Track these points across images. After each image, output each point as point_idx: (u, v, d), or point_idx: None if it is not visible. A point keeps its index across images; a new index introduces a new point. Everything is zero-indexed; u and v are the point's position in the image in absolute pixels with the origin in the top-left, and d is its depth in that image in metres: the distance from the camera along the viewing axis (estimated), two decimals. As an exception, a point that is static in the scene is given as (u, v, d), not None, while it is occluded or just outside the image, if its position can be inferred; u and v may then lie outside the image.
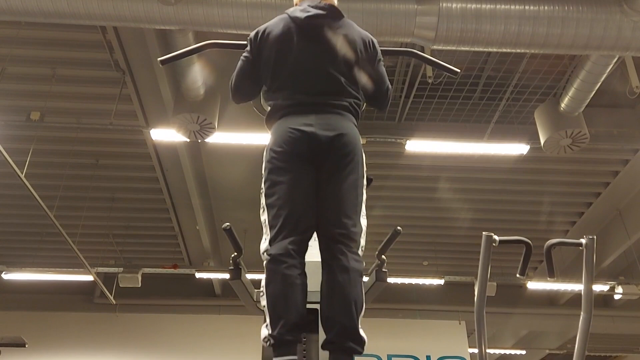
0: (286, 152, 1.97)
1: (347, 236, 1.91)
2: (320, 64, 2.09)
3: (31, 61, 6.40)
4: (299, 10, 2.14)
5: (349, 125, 2.05)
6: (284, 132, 2.01)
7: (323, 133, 1.97)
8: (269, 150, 2.04)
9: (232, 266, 2.43)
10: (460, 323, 10.90)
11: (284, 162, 1.97)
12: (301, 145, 1.97)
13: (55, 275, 9.42)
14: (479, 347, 2.18)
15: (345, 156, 1.99)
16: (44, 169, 7.70)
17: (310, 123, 1.99)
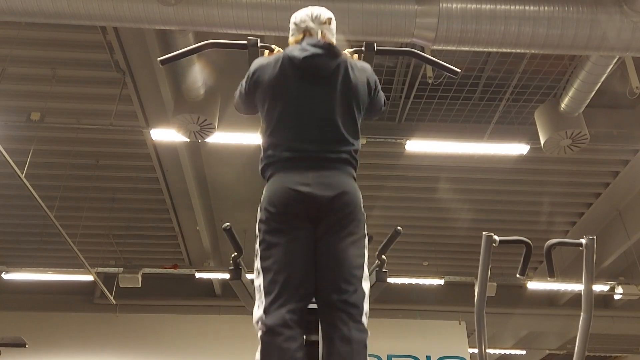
0: (282, 213, 1.84)
1: (349, 303, 1.76)
2: (317, 110, 1.96)
3: (31, 61, 6.40)
4: (297, 49, 2.00)
5: (348, 182, 1.92)
6: (279, 191, 1.87)
7: (321, 193, 1.84)
8: (263, 210, 1.90)
9: (232, 266, 2.43)
10: (460, 323, 10.90)
11: (280, 223, 1.84)
12: (298, 207, 1.84)
13: (56, 275, 9.42)
14: (479, 347, 2.18)
15: (345, 217, 1.86)
16: (44, 169, 7.70)
17: (307, 182, 1.86)
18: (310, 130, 1.95)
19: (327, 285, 1.80)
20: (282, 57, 2.02)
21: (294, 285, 1.77)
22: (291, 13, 4.98)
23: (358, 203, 1.91)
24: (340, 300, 1.76)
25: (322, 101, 1.97)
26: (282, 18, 4.66)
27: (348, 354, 1.68)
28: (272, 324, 1.70)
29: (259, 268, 1.84)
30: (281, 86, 1.99)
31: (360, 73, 2.06)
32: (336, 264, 1.81)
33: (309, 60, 1.95)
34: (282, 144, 1.96)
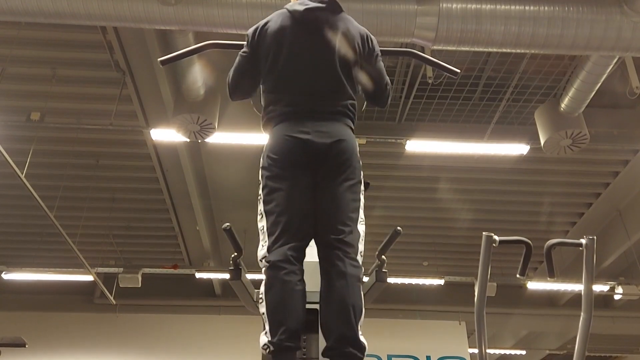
0: (283, 159, 1.97)
1: (344, 242, 1.90)
2: (317, 60, 2.06)
3: (31, 61, 6.40)
4: (297, 3, 2.11)
5: (345, 131, 2.04)
6: (280, 139, 2.00)
7: (320, 140, 1.96)
8: (265, 157, 2.02)
9: (232, 266, 2.43)
10: (461, 323, 10.90)
11: (282, 169, 1.96)
12: (298, 153, 1.96)
13: (56, 275, 9.42)
14: (479, 348, 2.18)
15: (342, 163, 1.98)
16: (44, 169, 7.70)
17: (306, 130, 1.98)
18: (309, 83, 2.05)
19: (325, 226, 1.92)
20: (282, 13, 2.11)
21: (294, 226, 1.89)
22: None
23: (354, 150, 2.02)
24: (336, 239, 1.89)
25: (322, 54, 2.06)
26: (282, 18, 4.65)
27: (343, 287, 1.82)
28: (275, 259, 1.85)
29: (262, 211, 1.96)
30: (282, 40, 2.07)
31: (361, 31, 2.18)
32: (333, 207, 1.94)
33: (311, 12, 2.06)
34: (283, 98, 2.06)
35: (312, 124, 2.00)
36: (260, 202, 1.99)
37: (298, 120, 2.01)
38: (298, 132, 1.97)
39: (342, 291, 1.82)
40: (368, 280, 2.42)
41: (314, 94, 2.05)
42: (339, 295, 1.82)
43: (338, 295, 1.82)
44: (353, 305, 1.81)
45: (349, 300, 1.81)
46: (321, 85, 2.06)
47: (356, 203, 1.99)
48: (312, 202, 1.95)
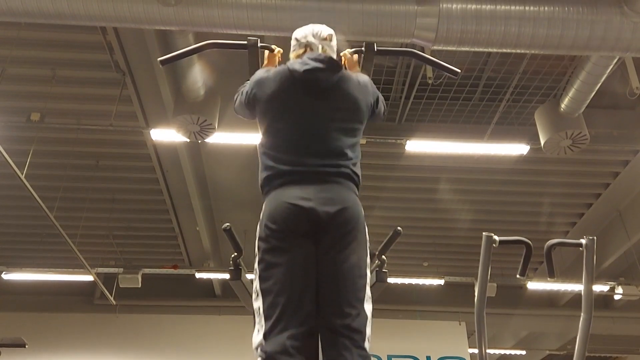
0: (283, 229, 1.79)
1: (351, 328, 1.71)
2: (317, 124, 1.95)
3: (31, 62, 6.40)
4: (298, 63, 2.00)
5: (350, 197, 1.88)
6: (280, 207, 1.82)
7: (323, 208, 1.79)
8: (263, 227, 1.84)
9: (232, 266, 2.43)
10: (461, 324, 10.89)
11: (281, 241, 1.78)
12: (299, 223, 1.79)
13: (56, 275, 9.42)
14: (479, 348, 2.18)
15: (346, 234, 1.81)
16: (44, 170, 7.70)
17: (309, 197, 1.81)
18: (310, 144, 1.93)
19: (329, 307, 1.75)
20: (283, 71, 2.02)
21: (294, 308, 1.71)
22: (291, 14, 5.01)
23: (360, 218, 1.87)
24: (342, 325, 1.71)
25: (322, 115, 1.96)
26: (282, 19, 4.66)
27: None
28: (272, 351, 1.65)
29: (258, 289, 1.78)
30: (282, 100, 1.99)
31: (361, 87, 2.07)
32: (338, 286, 1.76)
33: (310, 73, 1.95)
34: (282, 157, 1.93)
35: (314, 189, 1.84)
36: (256, 278, 1.80)
37: (298, 184, 1.86)
38: (299, 199, 1.81)
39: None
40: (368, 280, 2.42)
41: (315, 156, 1.91)
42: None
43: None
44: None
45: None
46: (323, 148, 1.93)
47: (363, 280, 1.82)
48: (314, 279, 1.77)
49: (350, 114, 2.00)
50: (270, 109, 2.00)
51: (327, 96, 1.98)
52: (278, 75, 2.02)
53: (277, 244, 1.79)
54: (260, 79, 2.07)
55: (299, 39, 2.19)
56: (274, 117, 1.99)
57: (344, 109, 1.99)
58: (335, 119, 1.97)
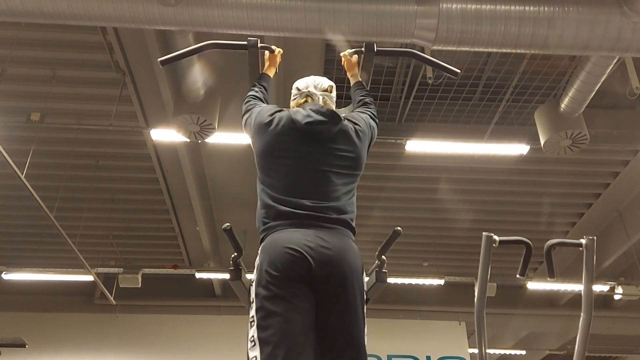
0: (283, 276, 1.74)
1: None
2: (317, 171, 1.98)
3: (31, 62, 6.40)
4: (300, 113, 2.05)
5: (350, 246, 1.89)
6: (280, 252, 1.78)
7: (325, 253, 1.78)
8: (263, 272, 1.78)
9: (232, 267, 2.43)
10: (461, 323, 10.90)
11: (281, 289, 1.73)
12: (300, 269, 1.75)
13: (56, 275, 9.42)
14: (479, 348, 2.18)
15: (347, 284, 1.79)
16: (44, 170, 7.70)
17: (310, 245, 1.79)
18: (309, 189, 1.95)
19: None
20: (286, 118, 2.07)
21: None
22: (291, 14, 5.00)
23: (359, 265, 1.87)
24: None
25: (322, 162, 2.00)
26: (282, 19, 4.65)
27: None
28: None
29: (256, 339, 1.71)
30: (283, 144, 2.03)
31: (360, 134, 2.13)
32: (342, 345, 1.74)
33: (312, 125, 2.01)
34: (281, 198, 1.93)
35: (315, 234, 1.82)
36: (254, 326, 1.73)
37: (298, 229, 1.84)
38: (300, 245, 1.78)
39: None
40: (368, 280, 2.42)
41: (314, 200, 1.92)
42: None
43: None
44: None
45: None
46: (322, 193, 1.95)
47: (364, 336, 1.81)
48: (314, 330, 1.75)
49: (350, 162, 2.06)
50: (271, 151, 2.04)
51: (327, 146, 2.03)
52: (281, 122, 2.07)
53: (277, 292, 1.73)
54: (262, 121, 2.12)
55: (301, 88, 2.27)
56: (274, 161, 2.02)
57: (344, 158, 2.04)
58: (334, 167, 2.01)
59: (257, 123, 2.13)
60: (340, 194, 1.98)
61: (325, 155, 2.01)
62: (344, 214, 1.94)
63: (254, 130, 2.14)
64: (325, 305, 1.77)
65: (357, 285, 1.82)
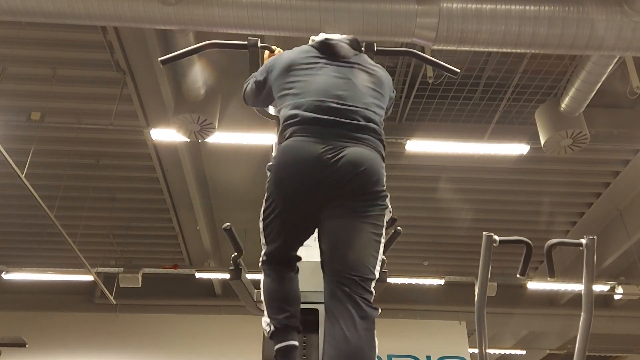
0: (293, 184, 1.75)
1: (357, 282, 1.74)
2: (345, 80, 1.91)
3: (31, 61, 6.40)
4: (318, 38, 2.09)
5: (377, 159, 1.81)
6: (296, 152, 1.75)
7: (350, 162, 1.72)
8: (276, 169, 1.79)
9: (232, 266, 2.43)
10: (461, 323, 10.89)
11: (289, 190, 1.77)
12: (316, 172, 1.72)
13: (56, 275, 9.42)
14: (479, 347, 2.18)
15: (370, 190, 1.75)
16: (45, 169, 7.70)
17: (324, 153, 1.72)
18: (337, 91, 1.86)
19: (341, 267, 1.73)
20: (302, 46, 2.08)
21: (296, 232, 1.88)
22: (292, 13, 5.00)
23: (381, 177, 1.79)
24: (348, 278, 1.73)
25: (348, 73, 1.95)
26: (283, 18, 4.65)
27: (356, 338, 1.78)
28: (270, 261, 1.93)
29: (261, 228, 1.91)
30: (303, 59, 2.00)
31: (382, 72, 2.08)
32: (352, 246, 1.73)
33: (330, 43, 2.02)
34: (304, 102, 1.83)
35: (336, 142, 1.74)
36: (261, 218, 1.90)
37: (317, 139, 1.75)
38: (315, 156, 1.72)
39: (355, 342, 1.73)
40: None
41: (343, 105, 1.82)
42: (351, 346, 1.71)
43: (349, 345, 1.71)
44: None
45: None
46: (350, 99, 1.85)
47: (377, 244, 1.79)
48: (314, 227, 1.84)
49: (376, 79, 1.99)
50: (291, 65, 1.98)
51: (350, 62, 2.00)
52: (295, 50, 2.08)
53: (290, 189, 1.77)
54: (274, 58, 2.11)
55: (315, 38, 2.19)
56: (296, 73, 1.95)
57: (369, 74, 1.99)
58: (360, 78, 1.95)
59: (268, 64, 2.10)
60: (369, 102, 1.88)
61: (350, 68, 1.97)
62: (372, 122, 1.83)
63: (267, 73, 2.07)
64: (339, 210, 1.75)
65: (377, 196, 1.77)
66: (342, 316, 1.70)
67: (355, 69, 1.97)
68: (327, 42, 2.03)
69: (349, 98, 1.85)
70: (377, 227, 1.79)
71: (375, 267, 1.78)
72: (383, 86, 2.00)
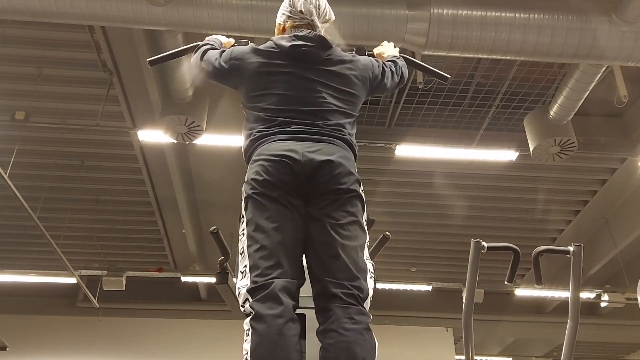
0: (269, 181, 1.72)
1: (349, 294, 1.64)
2: (313, 88, 1.90)
3: (17, 60, 6.31)
4: (285, 39, 1.97)
5: (341, 152, 1.81)
6: (266, 159, 1.76)
7: (313, 157, 1.74)
8: (249, 182, 1.77)
9: (219, 270, 2.39)
10: (448, 330, 10.89)
11: (267, 195, 1.71)
12: (287, 172, 1.72)
13: (38, 277, 9.28)
14: (466, 354, 2.16)
15: (340, 185, 1.73)
16: (28, 169, 7.59)
17: (297, 149, 1.75)
18: (303, 104, 1.87)
19: (326, 275, 1.66)
20: (268, 45, 1.98)
21: (286, 258, 1.67)
22: (281, 15, 4.93)
23: (353, 175, 1.79)
24: (340, 292, 1.64)
25: (315, 81, 1.92)
26: (273, 20, 4.59)
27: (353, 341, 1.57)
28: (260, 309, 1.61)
29: (245, 249, 1.71)
30: (270, 66, 1.93)
31: (355, 67, 2.01)
32: (332, 256, 1.66)
33: (297, 48, 1.92)
34: (271, 115, 1.86)
35: (304, 144, 1.77)
36: (243, 238, 1.73)
37: (288, 140, 1.79)
38: (287, 150, 1.75)
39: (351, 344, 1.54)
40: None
41: (309, 115, 1.86)
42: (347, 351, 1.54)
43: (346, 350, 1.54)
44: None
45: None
46: (317, 108, 1.88)
47: (356, 243, 1.74)
48: (303, 241, 1.73)
49: (344, 86, 1.95)
50: (258, 74, 1.93)
51: (317, 68, 1.94)
52: (265, 49, 1.98)
53: (264, 201, 1.70)
54: (241, 52, 2.01)
55: (304, 11, 2.06)
56: (262, 84, 1.92)
57: (338, 80, 1.94)
58: (328, 86, 1.92)
59: (233, 56, 2.01)
60: (335, 111, 1.90)
61: (317, 75, 1.92)
62: (341, 131, 1.87)
63: (230, 66, 1.99)
64: (315, 214, 1.72)
65: (349, 194, 1.75)
66: (335, 320, 1.59)
67: (323, 78, 1.93)
68: (296, 49, 1.93)
69: (314, 104, 1.87)
70: (360, 224, 1.78)
71: (367, 271, 1.73)
72: (353, 84, 1.98)
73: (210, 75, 2.09)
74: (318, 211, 1.73)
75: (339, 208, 1.73)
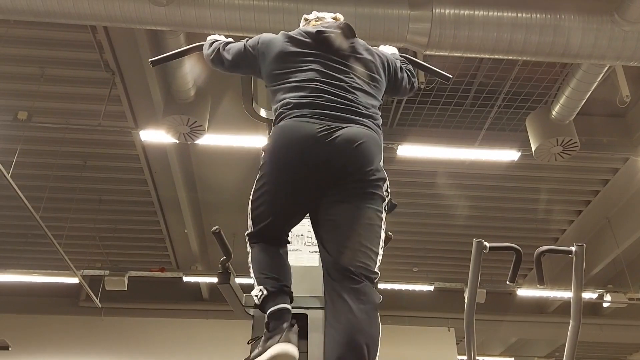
0: (288, 161, 1.76)
1: (359, 272, 1.69)
2: (339, 73, 1.94)
3: (19, 60, 6.32)
4: (311, 28, 2.08)
5: (367, 132, 1.83)
6: (292, 131, 1.78)
7: (339, 137, 1.74)
8: (269, 154, 1.83)
9: (221, 270, 2.39)
10: (450, 330, 10.88)
11: (287, 169, 1.77)
12: (310, 151, 1.74)
13: (40, 277, 9.29)
14: (468, 354, 2.16)
15: (366, 164, 1.75)
16: (31, 169, 7.60)
17: (326, 126, 1.76)
18: (330, 86, 1.90)
19: (340, 255, 1.70)
20: (295, 32, 2.05)
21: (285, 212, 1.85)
22: (284, 16, 4.98)
23: (378, 155, 1.82)
24: (350, 266, 1.69)
25: (341, 64, 1.97)
26: (275, 20, 4.63)
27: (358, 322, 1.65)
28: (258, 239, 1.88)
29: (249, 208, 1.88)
30: (295, 52, 1.98)
31: (377, 55, 2.09)
32: (350, 231, 1.71)
33: (324, 34, 1.99)
34: (299, 96, 1.89)
35: (331, 123, 1.78)
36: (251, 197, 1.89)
37: (316, 117, 1.79)
38: (315, 126, 1.76)
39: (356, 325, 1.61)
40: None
41: (336, 98, 1.88)
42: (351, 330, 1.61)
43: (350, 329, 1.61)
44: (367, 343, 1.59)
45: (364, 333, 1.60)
46: (343, 93, 1.90)
47: (377, 228, 1.76)
48: (308, 211, 1.83)
49: (369, 68, 2.01)
50: (284, 55, 1.99)
51: (343, 54, 1.99)
52: (288, 35, 2.04)
53: (280, 174, 1.78)
54: (267, 39, 2.07)
55: (309, 18, 2.26)
56: (287, 65, 1.97)
57: (360, 68, 2.00)
58: (356, 69, 1.98)
59: (262, 43, 2.07)
60: (365, 90, 1.95)
61: (344, 58, 1.97)
62: (366, 109, 1.89)
63: (255, 50, 2.06)
64: (331, 195, 1.76)
65: (374, 177, 1.76)
66: (345, 300, 1.64)
67: (349, 61, 1.99)
68: (321, 35, 1.99)
69: (342, 89, 1.90)
70: (377, 211, 1.77)
71: (378, 253, 1.76)
72: (377, 70, 2.05)
73: (232, 63, 2.15)
74: (341, 194, 1.75)
75: (363, 189, 1.75)
